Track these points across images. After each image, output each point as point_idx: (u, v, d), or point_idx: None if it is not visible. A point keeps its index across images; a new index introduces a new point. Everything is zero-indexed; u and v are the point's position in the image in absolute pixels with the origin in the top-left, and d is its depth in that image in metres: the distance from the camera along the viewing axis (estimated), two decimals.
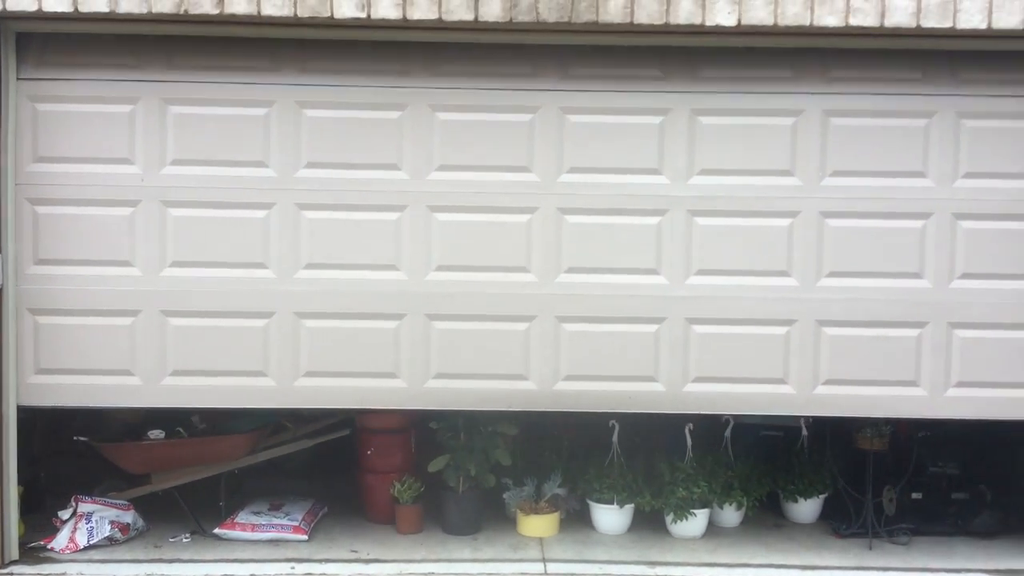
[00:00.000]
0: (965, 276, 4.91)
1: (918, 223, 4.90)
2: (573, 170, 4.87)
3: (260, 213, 4.86)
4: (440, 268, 4.89)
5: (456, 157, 4.85)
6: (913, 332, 4.92)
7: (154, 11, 4.50)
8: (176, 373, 4.89)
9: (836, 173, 4.88)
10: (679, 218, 4.89)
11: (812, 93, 4.84)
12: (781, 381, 4.94)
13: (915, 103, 4.85)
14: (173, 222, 4.84)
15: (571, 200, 4.87)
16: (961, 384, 4.93)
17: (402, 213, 4.87)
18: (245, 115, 4.82)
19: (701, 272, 4.90)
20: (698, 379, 4.93)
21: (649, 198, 4.88)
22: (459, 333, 4.91)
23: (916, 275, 4.91)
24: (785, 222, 4.90)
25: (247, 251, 4.86)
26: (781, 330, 4.92)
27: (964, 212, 4.89)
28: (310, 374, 4.92)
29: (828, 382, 4.93)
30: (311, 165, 4.84)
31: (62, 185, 4.80)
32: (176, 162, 4.84)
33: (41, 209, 4.81)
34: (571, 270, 4.90)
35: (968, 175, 4.87)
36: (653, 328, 4.92)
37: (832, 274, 4.91)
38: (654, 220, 4.90)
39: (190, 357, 4.88)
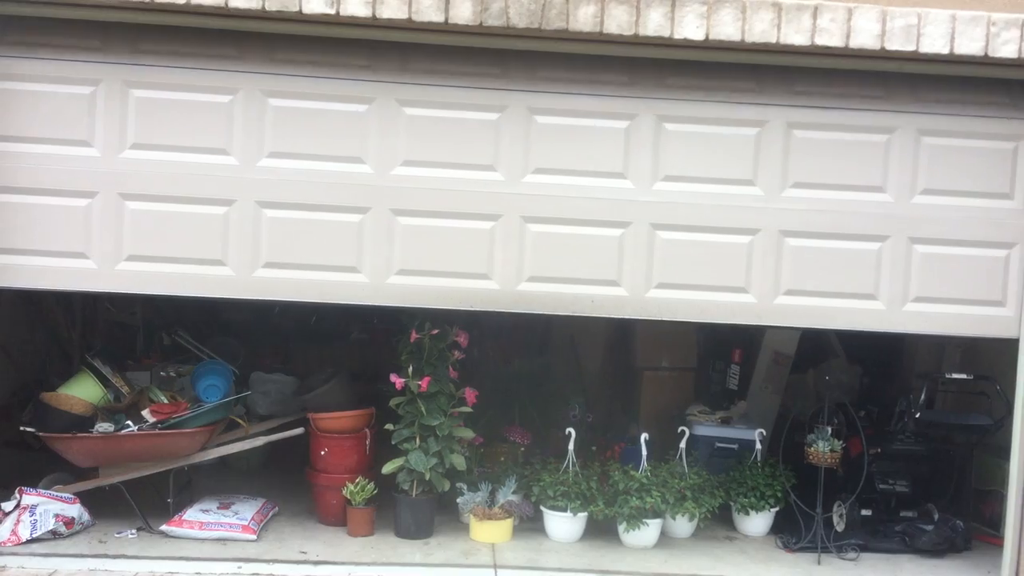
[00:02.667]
0: (927, 192, 4.96)
1: (883, 137, 4.95)
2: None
3: (225, 98, 4.77)
4: (407, 163, 4.83)
5: None
6: (874, 246, 4.97)
7: None
8: (132, 258, 4.77)
9: (801, 94, 4.92)
10: (647, 123, 4.88)
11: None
12: (743, 290, 4.95)
13: None
14: (135, 103, 4.73)
15: (542, 99, 4.83)
16: (919, 299, 4.99)
17: (370, 105, 4.80)
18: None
19: (668, 179, 4.90)
20: (661, 285, 4.92)
21: (619, 100, 4.85)
22: (423, 229, 4.85)
23: (879, 189, 4.95)
24: (752, 131, 4.92)
25: (210, 136, 4.75)
26: (744, 239, 4.94)
27: (928, 128, 4.94)
28: (270, 265, 4.82)
29: (789, 292, 4.96)
30: None
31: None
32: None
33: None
34: (538, 171, 4.87)
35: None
36: (618, 232, 4.90)
37: (796, 185, 4.94)
38: (622, 124, 4.88)
39: (147, 243, 4.76)
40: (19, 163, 4.72)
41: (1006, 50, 4.66)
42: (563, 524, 5.33)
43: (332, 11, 4.50)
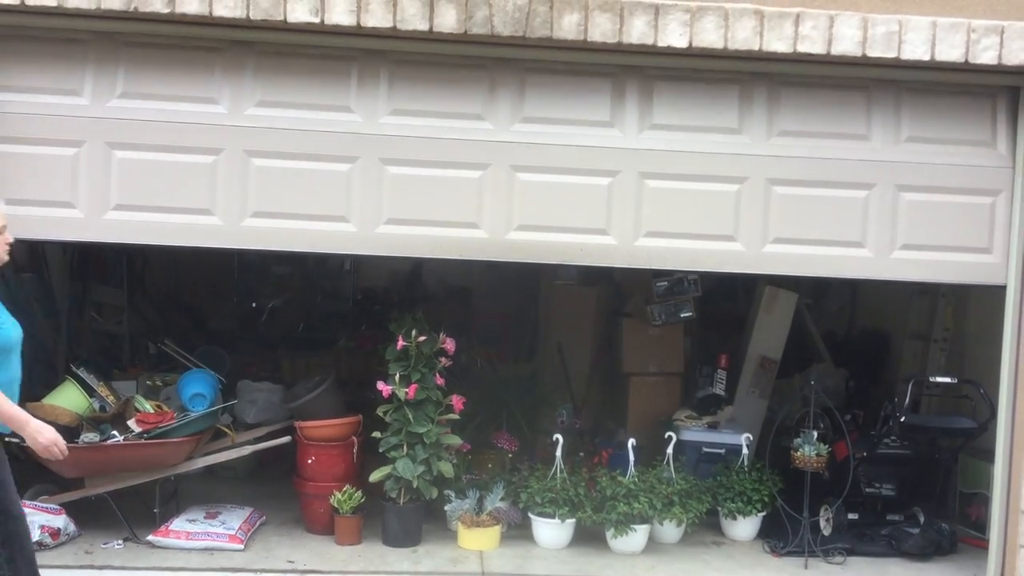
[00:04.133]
0: (911, 140, 4.99)
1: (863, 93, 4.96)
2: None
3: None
4: (395, 112, 4.82)
5: None
6: (861, 193, 4.99)
7: (103, 7, 4.43)
8: (119, 208, 4.74)
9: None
10: (634, 78, 4.88)
11: None
12: (731, 238, 4.95)
13: None
14: (125, 55, 4.71)
15: (532, 52, 4.80)
16: (906, 247, 5.01)
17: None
18: None
19: (655, 127, 4.90)
20: (650, 234, 4.92)
21: (609, 57, 4.83)
22: (412, 179, 4.84)
23: (864, 137, 4.97)
24: (738, 85, 4.93)
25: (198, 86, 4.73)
26: (732, 187, 4.94)
27: (911, 80, 4.95)
28: (258, 214, 4.79)
29: (777, 240, 4.97)
30: None
31: None
32: None
33: None
34: (526, 120, 4.87)
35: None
36: (607, 181, 4.90)
37: (783, 133, 4.95)
38: (609, 80, 4.89)
39: (135, 192, 4.72)
40: (5, 111, 4.66)
41: (986, 56, 4.70)
42: (551, 531, 5.33)
43: (316, 19, 4.50)
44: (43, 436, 3.79)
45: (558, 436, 5.54)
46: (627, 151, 4.89)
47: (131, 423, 5.24)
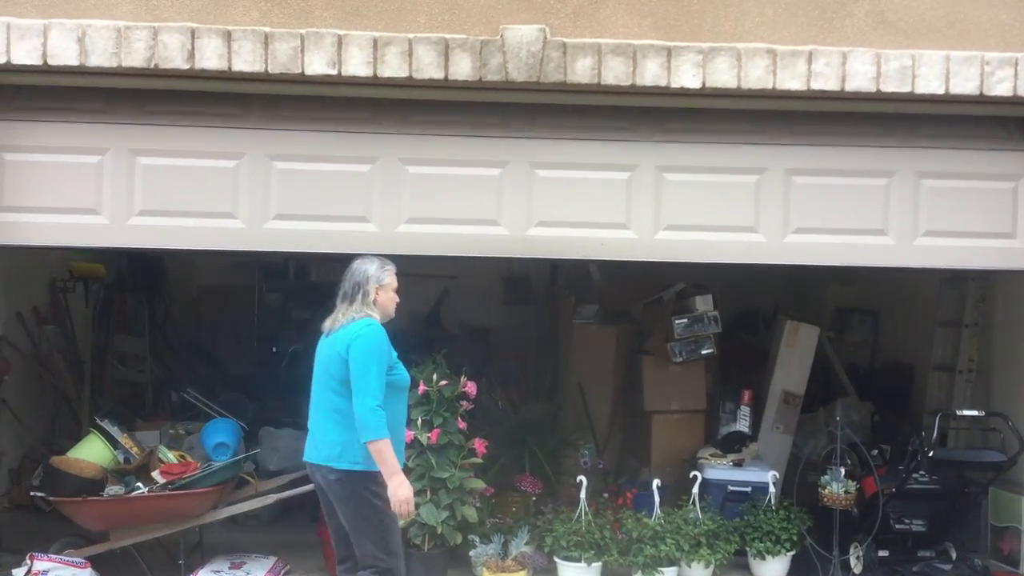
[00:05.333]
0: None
1: None
2: None
3: None
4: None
5: None
6: (880, 181, 4.95)
7: (124, 65, 4.51)
8: (144, 213, 4.79)
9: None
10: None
11: None
12: (752, 230, 4.94)
13: None
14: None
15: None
16: (929, 233, 4.97)
17: None
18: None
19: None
20: (670, 227, 4.91)
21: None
22: (432, 177, 4.87)
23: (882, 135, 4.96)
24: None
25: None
26: (752, 178, 4.93)
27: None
28: (280, 216, 4.83)
29: (799, 231, 4.94)
30: None
31: None
32: None
33: None
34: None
35: None
36: (626, 175, 4.91)
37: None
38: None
39: (158, 198, 4.79)
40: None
41: (1001, 88, 4.70)
42: (577, 574, 5.27)
43: (334, 71, 4.56)
44: (403, 491, 3.93)
45: (582, 478, 5.50)
46: (644, 143, 4.89)
47: (155, 474, 5.24)
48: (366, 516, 3.98)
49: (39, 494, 5.23)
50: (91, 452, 5.30)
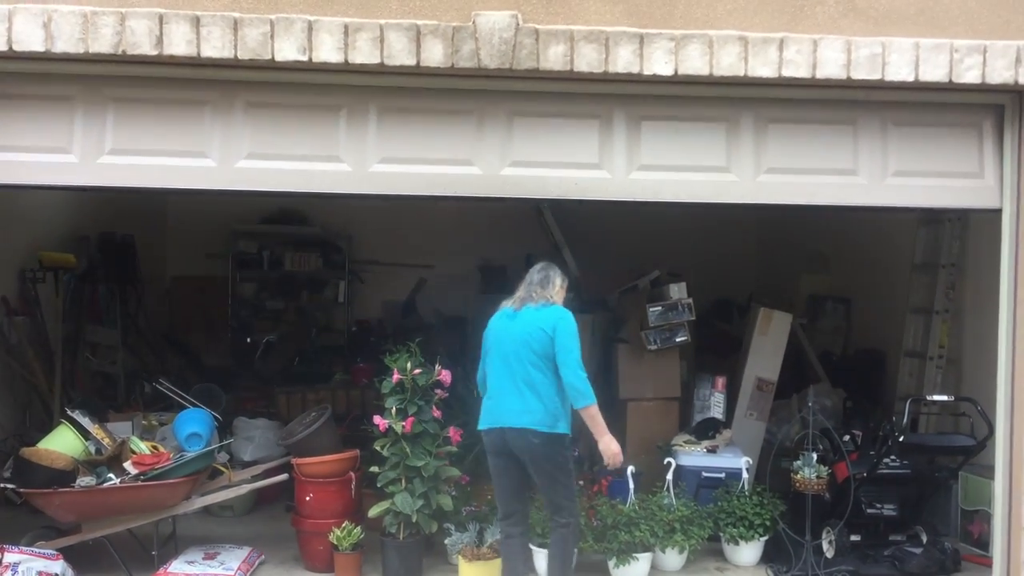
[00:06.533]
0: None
1: None
2: None
3: None
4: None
5: None
6: (850, 127, 5.00)
7: (91, 51, 4.45)
8: (114, 152, 4.72)
9: None
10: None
11: None
12: (725, 170, 4.96)
13: None
14: None
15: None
16: (899, 174, 5.02)
17: None
18: None
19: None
20: (643, 167, 4.92)
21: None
22: (406, 117, 4.83)
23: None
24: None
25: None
26: (723, 125, 4.96)
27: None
28: (253, 156, 4.78)
29: (770, 171, 4.98)
30: None
31: None
32: None
33: None
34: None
35: None
36: (599, 116, 4.91)
37: None
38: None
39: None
40: None
41: (970, 75, 4.74)
42: None
43: (304, 57, 4.52)
44: (615, 446, 4.66)
45: None
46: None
47: (127, 465, 5.21)
48: (563, 472, 4.64)
49: (9, 486, 5.17)
50: (62, 443, 5.26)
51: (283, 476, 5.57)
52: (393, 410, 5.19)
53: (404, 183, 4.86)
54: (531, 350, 4.59)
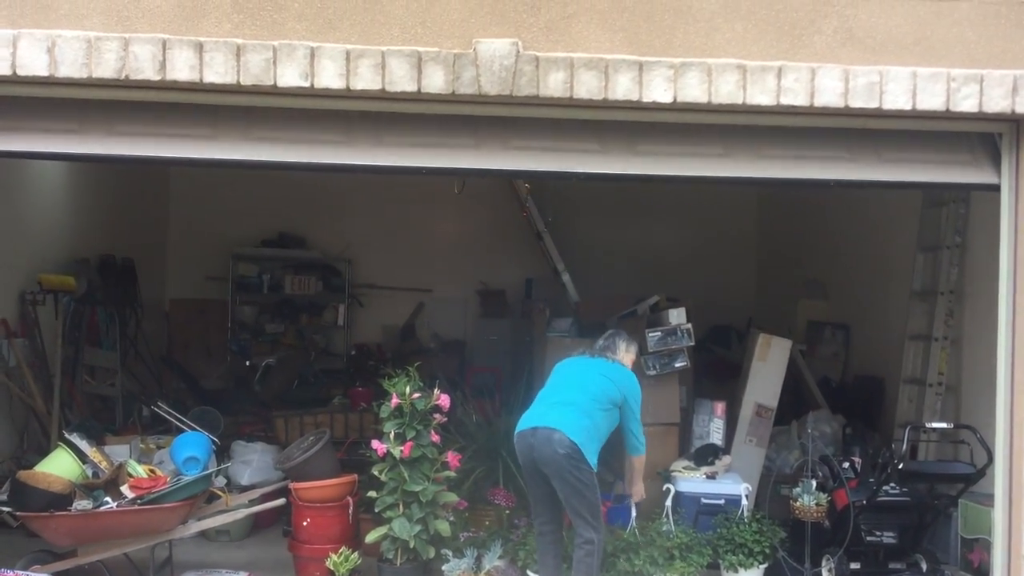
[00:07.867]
0: None
1: None
2: None
3: None
4: None
5: None
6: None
7: (94, 76, 4.48)
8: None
9: None
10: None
11: None
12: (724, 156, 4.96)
13: None
14: None
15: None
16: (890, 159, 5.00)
17: None
18: None
19: None
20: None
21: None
22: None
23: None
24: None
25: None
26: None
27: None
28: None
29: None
30: None
31: None
32: None
33: None
34: None
35: None
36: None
37: None
38: None
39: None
40: None
41: (967, 104, 4.77)
42: None
43: (307, 83, 4.55)
44: (642, 490, 5.44)
45: None
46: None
47: (124, 489, 5.18)
48: (587, 486, 4.81)
49: (6, 509, 5.15)
50: (59, 466, 5.23)
51: (280, 501, 5.55)
52: (391, 434, 5.18)
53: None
54: (596, 386, 5.01)
